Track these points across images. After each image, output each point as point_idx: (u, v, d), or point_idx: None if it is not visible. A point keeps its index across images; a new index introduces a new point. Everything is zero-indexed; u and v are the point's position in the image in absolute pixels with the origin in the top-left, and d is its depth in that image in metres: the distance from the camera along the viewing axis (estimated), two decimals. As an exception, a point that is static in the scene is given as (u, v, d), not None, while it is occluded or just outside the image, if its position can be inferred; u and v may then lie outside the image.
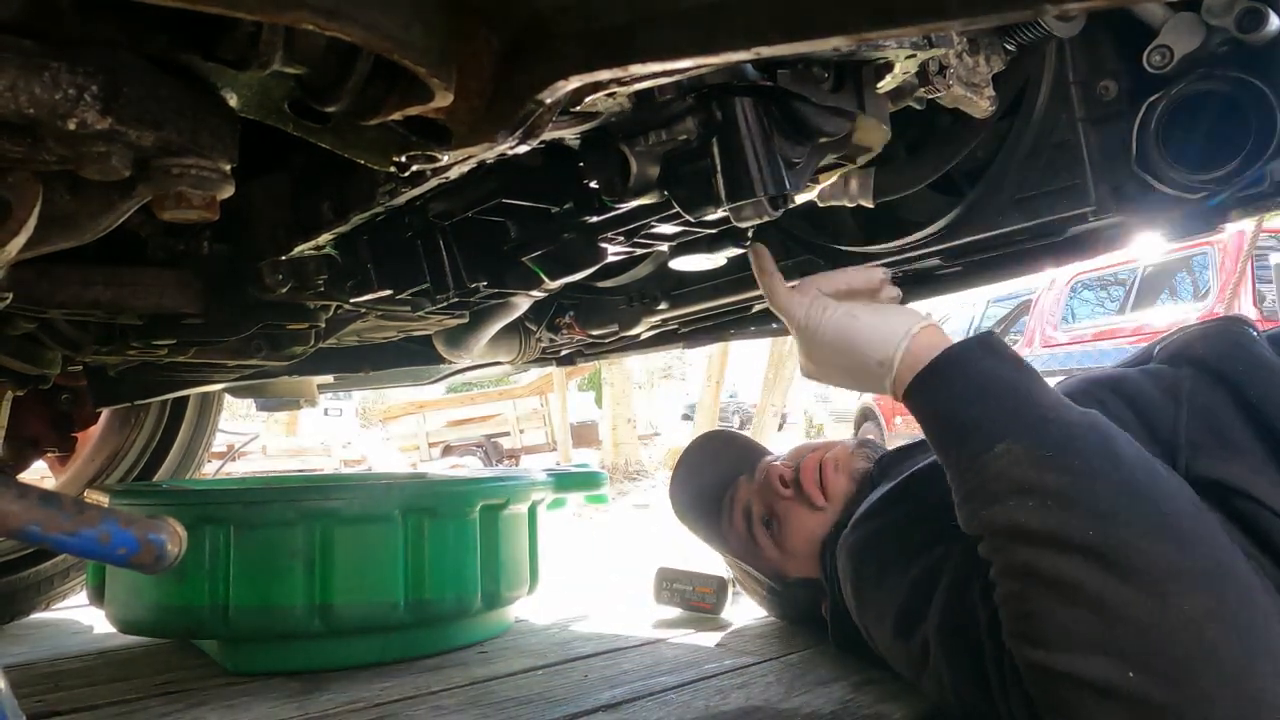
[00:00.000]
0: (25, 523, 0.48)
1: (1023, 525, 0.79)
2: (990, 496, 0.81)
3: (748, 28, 0.50)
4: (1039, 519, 0.78)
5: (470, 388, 13.36)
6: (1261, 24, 0.82)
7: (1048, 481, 0.79)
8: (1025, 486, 0.79)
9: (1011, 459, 0.81)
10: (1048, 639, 0.76)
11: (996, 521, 0.81)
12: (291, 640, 1.39)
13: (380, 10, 0.51)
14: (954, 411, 0.87)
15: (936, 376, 0.90)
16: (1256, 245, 6.01)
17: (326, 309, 1.20)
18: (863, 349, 0.94)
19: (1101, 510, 0.76)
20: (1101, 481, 0.78)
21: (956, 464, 0.86)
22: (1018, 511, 0.79)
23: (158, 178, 0.60)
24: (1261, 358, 0.94)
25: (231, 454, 8.26)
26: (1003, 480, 0.81)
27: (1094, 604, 0.73)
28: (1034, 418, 0.83)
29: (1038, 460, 0.80)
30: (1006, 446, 0.81)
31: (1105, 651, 0.72)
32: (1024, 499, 0.79)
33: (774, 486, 1.41)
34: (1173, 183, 0.91)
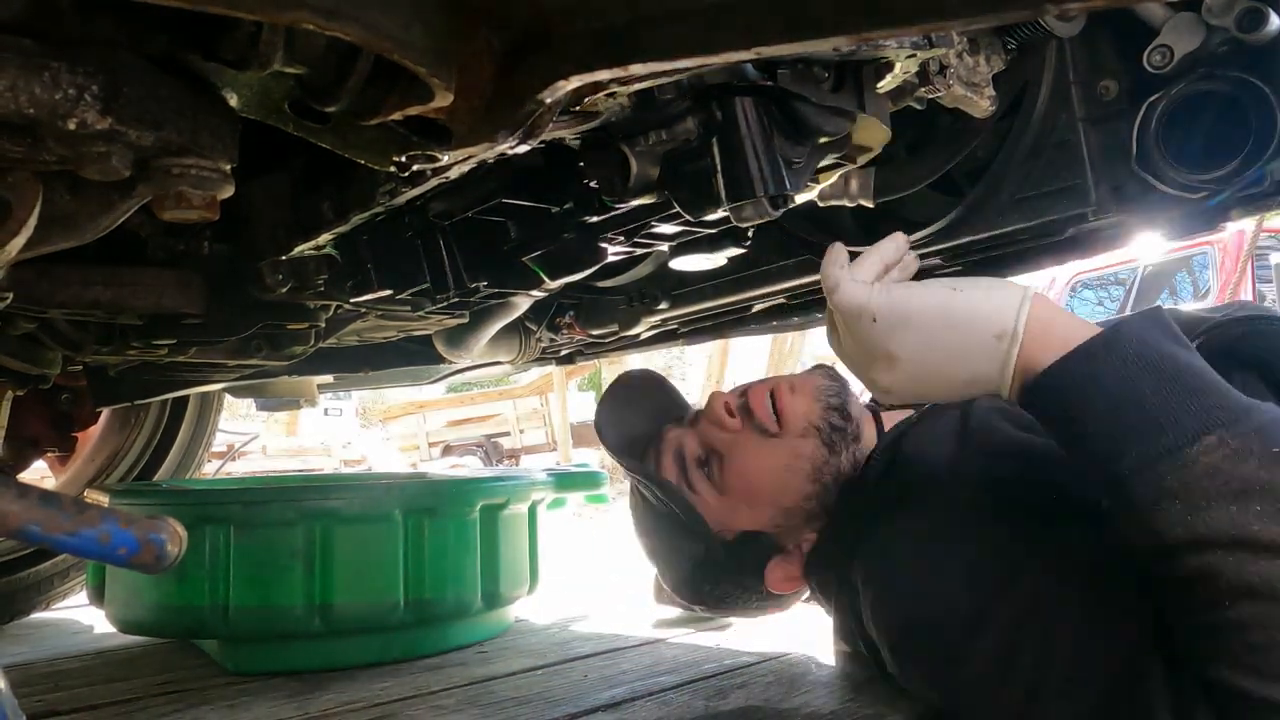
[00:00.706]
0: (25, 523, 0.48)
1: (1255, 534, 0.66)
2: (1200, 498, 0.67)
3: (748, 28, 0.50)
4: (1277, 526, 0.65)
5: (470, 388, 13.35)
6: (1262, 24, 0.82)
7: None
8: (1252, 487, 0.66)
9: (1231, 454, 0.67)
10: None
11: (1214, 530, 0.67)
12: (291, 640, 1.39)
13: (380, 10, 0.51)
14: (1132, 393, 0.71)
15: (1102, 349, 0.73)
16: (1256, 245, 6.01)
17: (326, 309, 1.20)
18: (974, 323, 0.77)
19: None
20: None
21: (1136, 460, 0.70)
22: (1245, 517, 0.66)
23: (158, 178, 0.60)
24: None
25: (231, 454, 8.26)
26: (1218, 478, 0.67)
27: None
28: (1243, 405, 0.70)
29: (1265, 455, 0.67)
30: (1219, 438, 0.68)
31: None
32: (1251, 503, 0.66)
33: (718, 418, 1.15)
34: (1173, 182, 0.91)
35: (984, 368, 0.78)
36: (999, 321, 0.77)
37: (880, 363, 0.81)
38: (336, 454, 11.28)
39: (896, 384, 0.82)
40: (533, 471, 1.85)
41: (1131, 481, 0.71)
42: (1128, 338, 0.74)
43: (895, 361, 0.80)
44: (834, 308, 0.84)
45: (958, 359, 0.78)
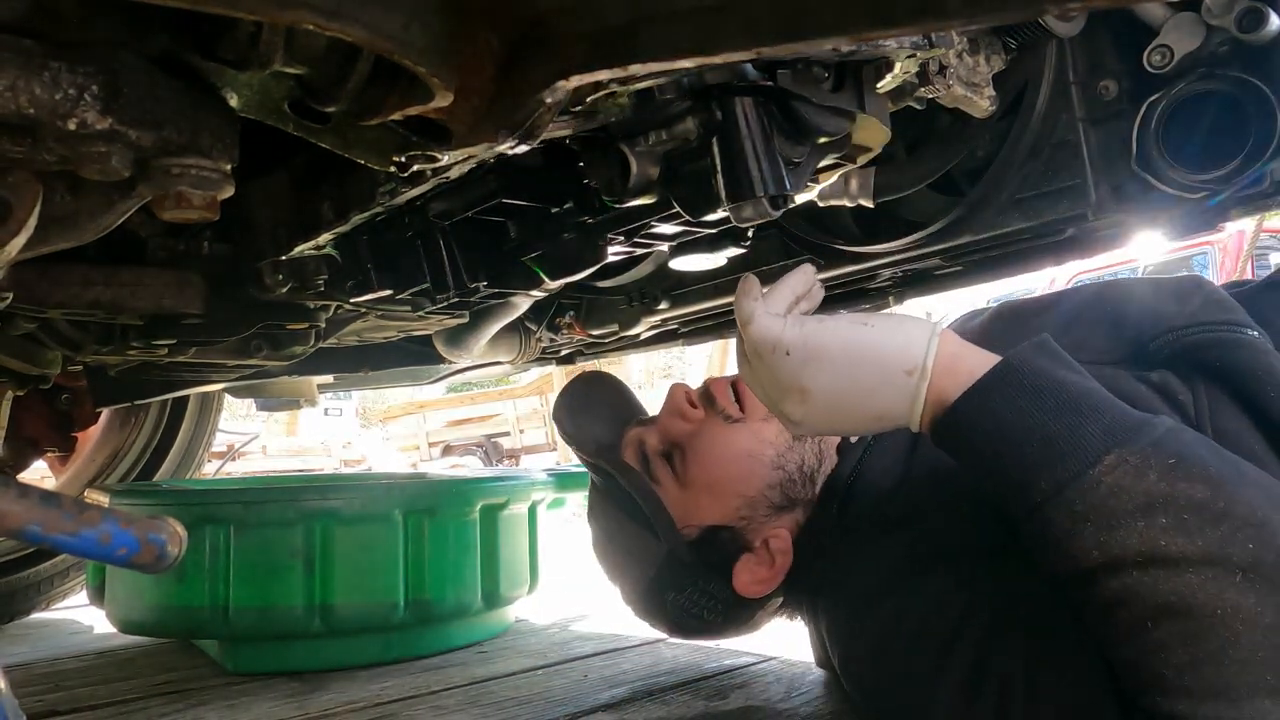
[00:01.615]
0: (26, 523, 0.48)
1: (1165, 549, 0.64)
2: (1110, 520, 0.66)
3: (748, 28, 0.50)
4: (1185, 539, 0.64)
5: (470, 388, 13.35)
6: (1261, 24, 0.82)
7: (1183, 493, 0.65)
8: (1157, 501, 0.66)
9: (1131, 471, 0.67)
10: (1223, 687, 0.63)
11: (1127, 549, 0.66)
12: (291, 640, 1.39)
13: (381, 10, 0.51)
14: (1032, 424, 0.71)
15: (999, 384, 0.73)
16: (1256, 245, 6.02)
17: (326, 309, 1.20)
18: (883, 358, 0.76)
19: (1253, 519, 0.64)
20: (1240, 487, 0.66)
21: (1045, 491, 0.69)
22: (1153, 532, 0.65)
23: (158, 178, 0.60)
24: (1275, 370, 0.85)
25: (231, 454, 8.26)
26: (1124, 497, 0.66)
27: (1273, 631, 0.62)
28: (1137, 420, 0.70)
29: (1164, 469, 0.66)
30: (1119, 457, 0.67)
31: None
32: (1156, 516, 0.65)
33: (679, 409, 1.12)
34: (1173, 182, 0.91)
35: (893, 403, 0.78)
36: (908, 358, 0.76)
37: (792, 395, 0.80)
38: (336, 454, 11.28)
39: (808, 418, 0.81)
40: (533, 471, 1.85)
41: (1044, 510, 0.70)
42: (1020, 370, 0.74)
43: (807, 395, 0.79)
44: (747, 340, 0.82)
45: (868, 394, 0.78)
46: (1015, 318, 1.08)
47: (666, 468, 1.12)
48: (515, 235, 1.01)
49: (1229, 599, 0.63)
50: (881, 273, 1.24)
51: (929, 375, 0.76)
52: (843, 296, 1.38)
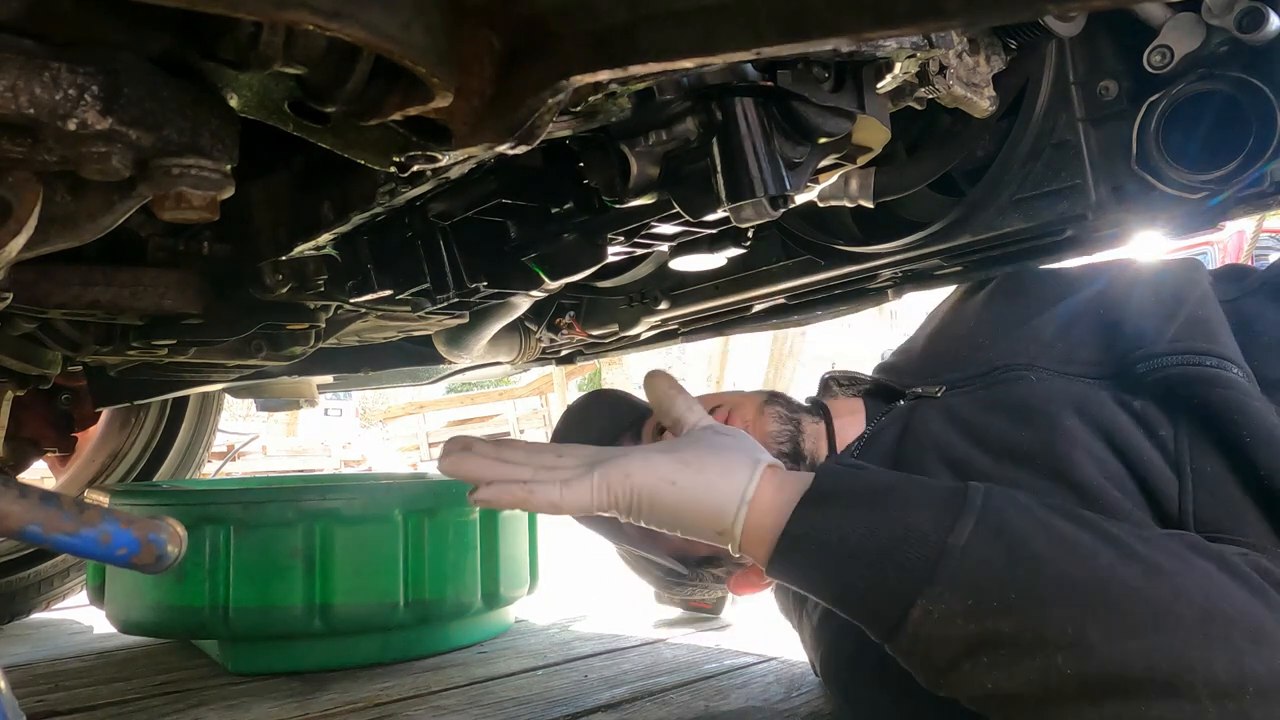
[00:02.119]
0: (26, 523, 0.48)
1: (1002, 688, 0.68)
2: (939, 670, 0.70)
3: (748, 28, 0.50)
4: (1009, 679, 0.67)
5: (470, 388, 13.36)
6: (1261, 24, 0.82)
7: (990, 629, 0.67)
8: (972, 644, 0.68)
9: (936, 620, 0.69)
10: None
11: (965, 690, 0.70)
12: (291, 640, 1.39)
13: (381, 10, 0.51)
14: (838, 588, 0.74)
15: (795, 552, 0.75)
16: (1256, 245, 6.02)
17: (326, 309, 1.20)
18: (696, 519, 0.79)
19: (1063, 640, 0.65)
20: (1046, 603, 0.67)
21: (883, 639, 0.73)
22: (980, 674, 0.68)
23: (158, 178, 0.60)
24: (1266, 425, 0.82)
25: (231, 454, 8.26)
26: (941, 647, 0.69)
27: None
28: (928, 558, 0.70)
29: (967, 610, 0.68)
30: (923, 608, 0.69)
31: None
32: (979, 657, 0.68)
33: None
34: (1173, 182, 0.91)
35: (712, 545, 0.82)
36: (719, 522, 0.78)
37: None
38: (336, 454, 11.29)
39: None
40: (533, 471, 1.85)
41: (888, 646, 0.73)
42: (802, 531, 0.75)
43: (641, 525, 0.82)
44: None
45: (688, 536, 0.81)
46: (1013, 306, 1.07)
47: None
48: (515, 235, 1.01)
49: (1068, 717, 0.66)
50: (882, 273, 1.24)
51: (738, 538, 0.78)
52: (843, 296, 1.38)
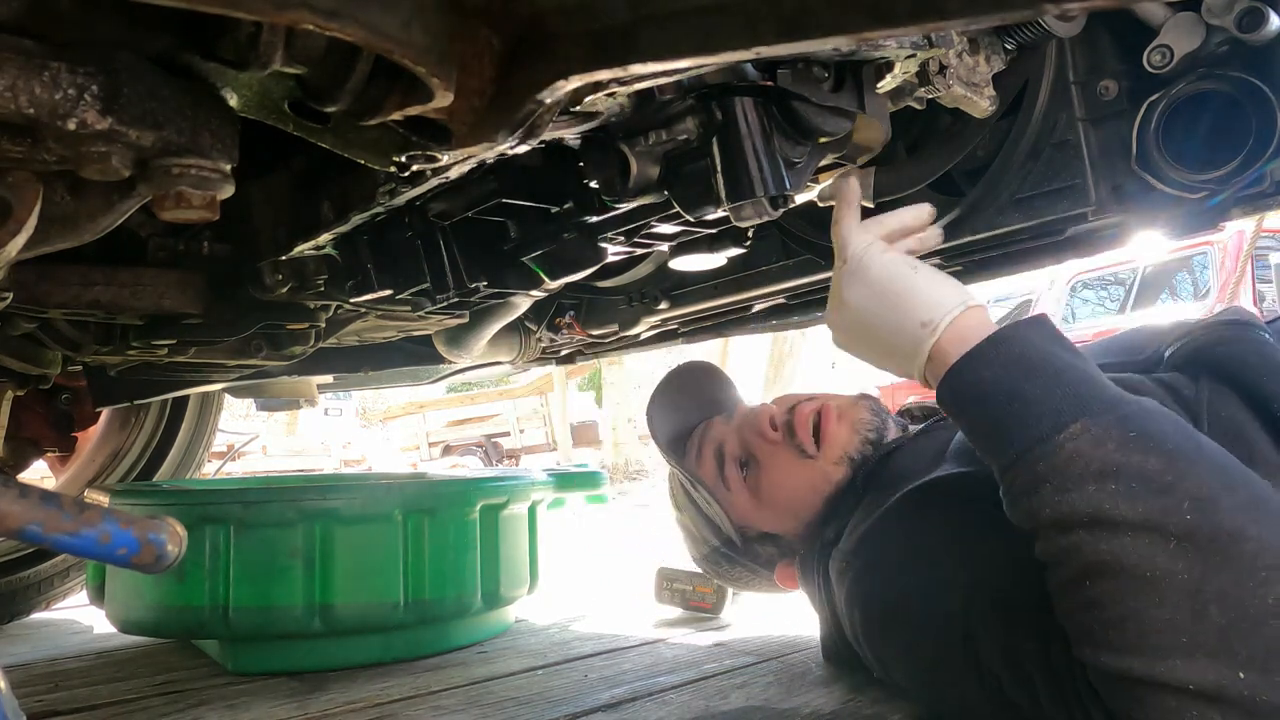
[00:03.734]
0: (26, 523, 0.48)
1: (1108, 513, 0.69)
2: (1065, 482, 0.71)
3: (748, 28, 0.50)
4: (1129, 505, 0.68)
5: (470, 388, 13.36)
6: (1261, 24, 0.82)
7: (1136, 463, 0.70)
8: (1110, 469, 0.70)
9: (1091, 439, 0.71)
10: (1143, 644, 0.67)
11: (1075, 510, 0.71)
12: (291, 640, 1.39)
13: (381, 10, 0.51)
14: (1015, 389, 0.76)
15: (992, 351, 0.79)
16: (1256, 245, 6.02)
17: (326, 309, 1.20)
18: (910, 303, 0.84)
19: (1200, 493, 0.68)
20: (1194, 464, 0.70)
21: (1016, 450, 0.75)
22: (1101, 497, 0.69)
23: (158, 178, 0.60)
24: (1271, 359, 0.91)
25: (231, 454, 8.26)
26: (1080, 462, 0.71)
27: (1196, 597, 0.65)
28: (1111, 396, 0.75)
29: (1123, 440, 0.71)
30: (1083, 425, 0.72)
31: (1212, 652, 0.64)
32: (1107, 483, 0.70)
33: (760, 428, 1.25)
34: (1173, 182, 0.91)
35: (903, 346, 0.85)
36: (929, 312, 0.83)
37: (835, 302, 0.90)
38: (336, 454, 11.29)
39: (838, 328, 0.91)
40: (533, 471, 1.85)
41: (1013, 470, 0.76)
42: (1011, 341, 0.80)
43: (844, 307, 0.89)
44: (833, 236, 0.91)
45: (886, 329, 0.86)
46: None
47: (739, 474, 1.27)
48: (515, 235, 1.01)
49: (1159, 564, 0.67)
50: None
51: (939, 334, 0.83)
52: (843, 296, 1.37)
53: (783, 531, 1.25)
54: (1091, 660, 0.71)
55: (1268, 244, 6.33)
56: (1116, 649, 0.69)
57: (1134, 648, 0.67)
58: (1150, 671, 0.67)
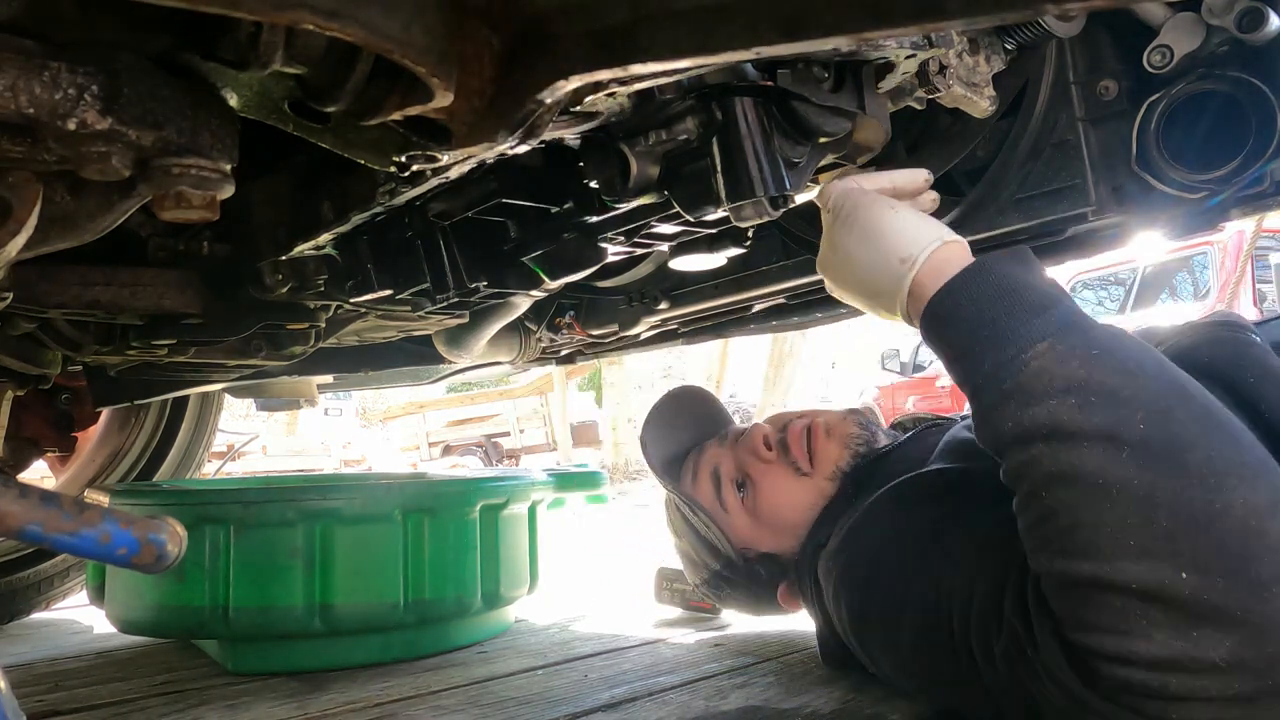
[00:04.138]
0: (26, 523, 0.48)
1: (1066, 424, 0.72)
2: (1028, 397, 0.74)
3: (748, 28, 0.50)
4: (1086, 416, 0.71)
5: (470, 388, 13.36)
6: (1261, 24, 0.82)
7: (1096, 378, 0.72)
8: (1072, 384, 0.73)
9: (1055, 356, 0.74)
10: (1092, 547, 0.69)
11: (1036, 422, 0.73)
12: (291, 640, 1.39)
13: (381, 10, 0.51)
14: (986, 314, 0.79)
15: (967, 279, 0.82)
16: (1256, 245, 6.02)
17: (326, 309, 1.20)
18: (890, 241, 0.86)
19: (1156, 406, 0.71)
20: (1153, 379, 0.73)
21: (987, 371, 0.78)
22: (1061, 410, 0.72)
23: (158, 178, 0.60)
24: (1271, 367, 0.92)
25: (231, 454, 8.26)
26: (1044, 378, 0.74)
27: (1146, 502, 0.68)
28: (1077, 318, 0.78)
29: (1086, 358, 0.74)
30: (1049, 345, 0.75)
31: (1157, 554, 0.66)
32: (1068, 397, 0.72)
33: (755, 448, 1.28)
34: (1173, 182, 0.91)
35: (885, 284, 0.87)
36: (907, 248, 0.85)
37: (824, 247, 0.92)
38: (336, 454, 11.29)
39: (828, 271, 0.92)
40: (533, 471, 1.85)
41: (982, 390, 0.79)
42: (986, 269, 0.82)
43: (831, 249, 0.91)
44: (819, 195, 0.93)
45: (869, 269, 0.88)
46: None
47: (736, 495, 1.30)
48: (515, 235, 1.01)
49: (1113, 472, 0.69)
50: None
51: (917, 267, 0.85)
52: (843, 296, 1.38)
53: (782, 550, 1.27)
54: (1046, 566, 0.73)
55: (1268, 244, 6.33)
56: (1068, 553, 0.71)
57: (1084, 551, 0.70)
58: (1097, 572, 0.69)
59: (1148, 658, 0.67)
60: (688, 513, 1.35)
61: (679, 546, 1.43)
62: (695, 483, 1.35)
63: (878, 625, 1.00)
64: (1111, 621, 0.69)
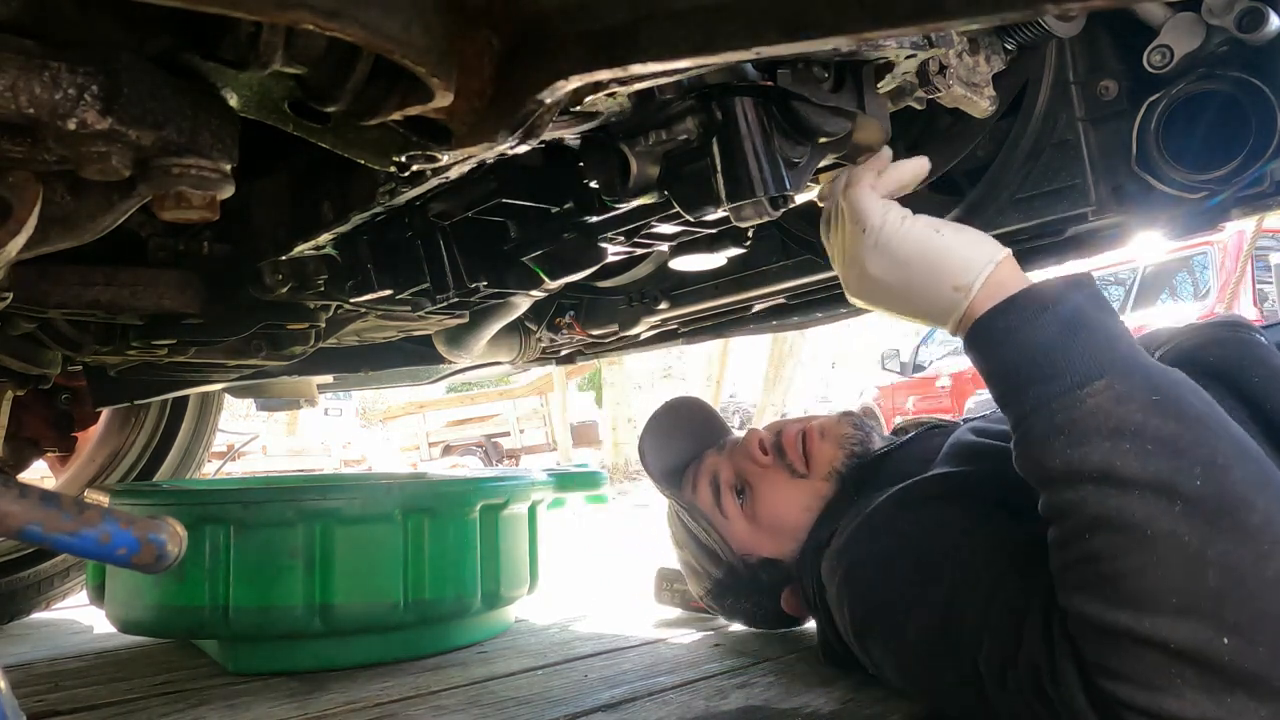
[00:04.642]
0: (26, 523, 0.48)
1: (1119, 469, 0.70)
2: (1081, 436, 0.72)
3: (748, 27, 0.50)
4: (1140, 464, 0.69)
5: (470, 388, 13.36)
6: (1261, 24, 0.82)
7: (1154, 425, 0.70)
8: (1128, 428, 0.71)
9: (1113, 396, 0.72)
10: (1136, 599, 0.68)
11: (1088, 463, 0.71)
12: (291, 640, 1.39)
13: (381, 10, 0.51)
14: (1043, 342, 0.77)
15: (1025, 303, 0.80)
16: (1256, 245, 6.02)
17: (326, 309, 1.20)
18: (942, 269, 0.83)
19: (1215, 461, 0.69)
20: (1211, 432, 0.71)
21: (1036, 399, 0.76)
22: (1115, 454, 0.70)
23: (158, 178, 0.60)
24: (1275, 366, 0.92)
25: (231, 454, 8.26)
26: (1100, 418, 0.72)
27: (1196, 560, 0.66)
28: (1138, 359, 0.76)
29: (1146, 402, 0.72)
30: (1108, 383, 0.73)
31: (1200, 613, 0.65)
32: (1122, 441, 0.71)
33: (752, 453, 1.30)
34: (1173, 182, 0.91)
35: (936, 308, 0.85)
36: (962, 276, 0.83)
37: (854, 269, 0.88)
38: (336, 454, 11.29)
39: (859, 292, 0.90)
40: (533, 471, 1.85)
41: (1030, 419, 0.77)
42: (1047, 296, 0.80)
43: (865, 275, 0.87)
44: (843, 202, 0.89)
45: (916, 294, 0.85)
46: None
47: (735, 501, 1.32)
48: (515, 235, 1.01)
49: (1163, 524, 0.68)
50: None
51: (973, 295, 0.83)
52: (842, 296, 1.37)
53: (783, 555, 1.28)
54: (1080, 608, 0.72)
55: (1268, 244, 6.33)
56: (1108, 600, 0.69)
57: (1126, 602, 0.68)
58: (1137, 625, 0.67)
59: (1177, 716, 0.66)
60: (688, 520, 1.36)
61: (681, 558, 1.44)
62: (695, 492, 1.37)
63: (882, 627, 1.00)
64: (1144, 675, 0.67)
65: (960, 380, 8.36)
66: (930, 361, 9.87)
